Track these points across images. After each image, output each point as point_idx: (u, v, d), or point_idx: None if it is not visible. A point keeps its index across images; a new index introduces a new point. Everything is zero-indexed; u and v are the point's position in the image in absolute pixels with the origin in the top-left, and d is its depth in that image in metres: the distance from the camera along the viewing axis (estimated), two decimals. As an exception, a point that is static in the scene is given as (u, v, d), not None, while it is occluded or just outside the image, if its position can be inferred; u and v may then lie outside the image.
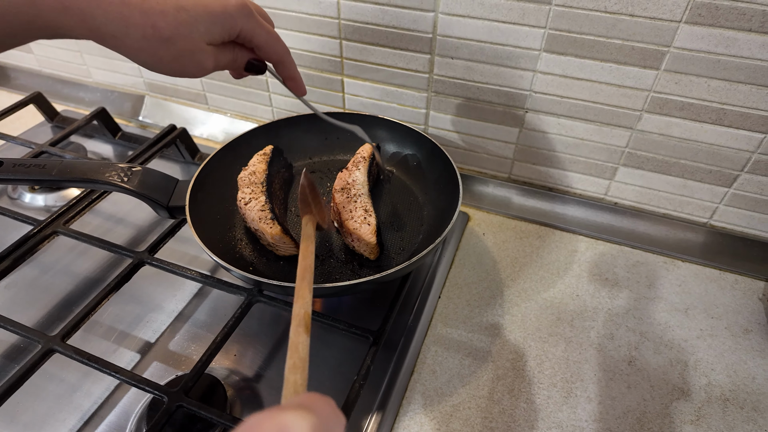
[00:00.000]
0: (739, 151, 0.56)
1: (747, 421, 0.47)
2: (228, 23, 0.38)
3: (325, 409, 0.23)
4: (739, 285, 0.59)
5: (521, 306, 0.56)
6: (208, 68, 0.39)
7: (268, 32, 0.42)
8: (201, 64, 0.39)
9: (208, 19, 0.37)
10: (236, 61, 0.42)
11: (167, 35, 0.36)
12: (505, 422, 0.46)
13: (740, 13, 0.47)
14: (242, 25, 0.39)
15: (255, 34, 0.41)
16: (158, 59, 0.37)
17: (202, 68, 0.39)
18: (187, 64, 0.38)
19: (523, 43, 0.56)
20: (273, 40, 0.42)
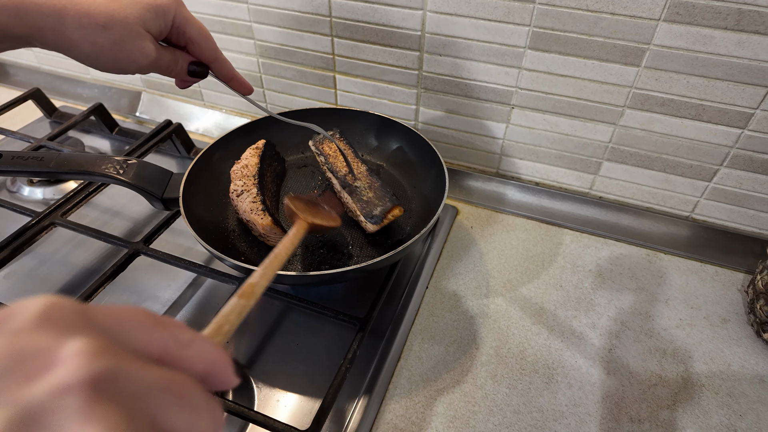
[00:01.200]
0: (718, 146, 0.57)
1: (721, 406, 0.48)
2: (161, 10, 0.40)
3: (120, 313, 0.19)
4: (719, 277, 0.61)
5: (506, 296, 0.58)
6: (151, 55, 0.40)
7: (200, 26, 0.43)
8: (143, 50, 0.39)
9: (140, 5, 0.39)
10: (177, 63, 0.43)
11: (102, 21, 0.37)
12: (488, 406, 0.48)
13: (716, 12, 0.48)
14: (175, 12, 0.41)
15: (188, 25, 0.42)
16: (98, 48, 0.38)
17: (144, 54, 0.40)
18: (129, 50, 0.39)
19: (509, 41, 0.58)
20: (205, 36, 0.44)
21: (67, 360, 0.15)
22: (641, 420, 0.47)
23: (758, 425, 0.47)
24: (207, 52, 0.44)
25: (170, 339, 0.19)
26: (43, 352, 0.16)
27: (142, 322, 0.19)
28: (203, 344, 0.20)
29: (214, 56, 0.45)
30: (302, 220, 0.46)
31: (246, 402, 0.48)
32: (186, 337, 0.20)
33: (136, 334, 0.18)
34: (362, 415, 0.46)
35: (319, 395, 0.48)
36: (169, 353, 0.19)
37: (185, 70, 0.44)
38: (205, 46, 0.44)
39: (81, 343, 0.16)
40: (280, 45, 0.71)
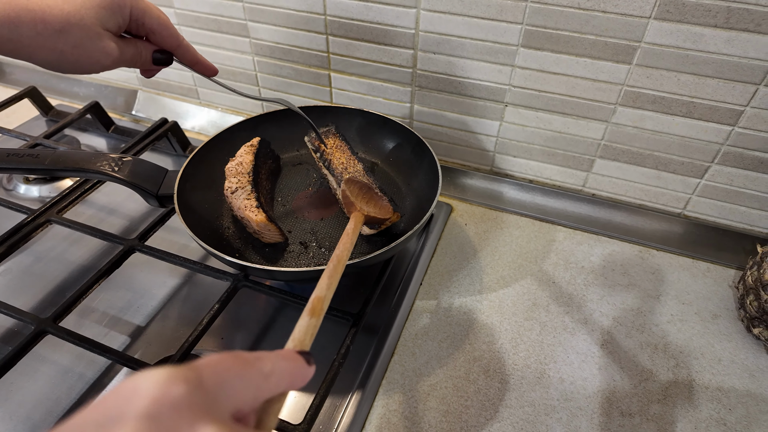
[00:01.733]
0: (709, 143, 0.58)
1: (711, 400, 0.49)
2: (116, 6, 0.39)
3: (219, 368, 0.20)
4: (710, 273, 0.61)
5: (499, 292, 0.58)
6: (113, 54, 0.40)
7: (159, 15, 0.43)
8: (104, 49, 0.39)
9: (96, 5, 0.38)
10: (141, 54, 0.43)
11: (59, 26, 0.37)
12: (480, 401, 0.48)
13: (706, 10, 0.49)
14: (131, 6, 0.40)
15: (146, 16, 0.42)
16: (59, 53, 0.38)
17: (106, 54, 0.39)
18: (90, 52, 0.38)
19: (502, 39, 0.58)
20: (165, 24, 0.43)
21: None
22: (632, 414, 0.47)
23: (747, 419, 0.47)
24: (168, 40, 0.44)
25: (258, 377, 0.21)
26: None
27: (236, 372, 0.21)
28: (281, 365, 0.23)
29: (176, 43, 0.44)
30: (359, 212, 0.46)
31: (240, 397, 0.48)
32: (268, 368, 0.22)
33: (235, 386, 0.20)
34: (355, 409, 0.47)
35: (313, 390, 0.48)
36: (260, 390, 0.22)
37: (149, 59, 0.44)
38: (166, 35, 0.43)
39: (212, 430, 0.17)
40: (276, 43, 0.71)
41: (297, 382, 0.24)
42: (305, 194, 0.64)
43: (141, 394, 0.17)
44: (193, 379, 0.18)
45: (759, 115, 0.54)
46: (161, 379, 0.18)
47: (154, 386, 0.18)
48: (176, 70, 0.82)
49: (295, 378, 0.24)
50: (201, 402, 0.18)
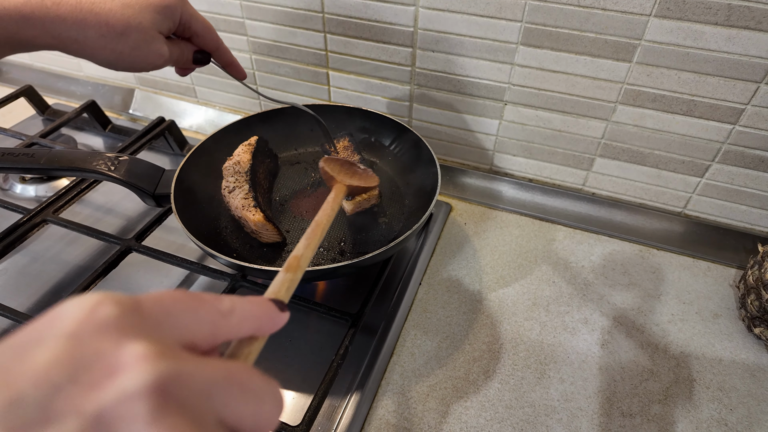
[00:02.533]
0: (710, 141, 0.58)
1: (712, 400, 0.49)
2: (169, 11, 0.43)
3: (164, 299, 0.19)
4: (711, 272, 0.61)
5: (498, 292, 0.58)
6: (165, 55, 0.43)
7: (204, 21, 0.47)
8: (158, 51, 0.43)
9: (152, 10, 0.41)
10: (184, 54, 0.46)
11: (121, 30, 0.40)
12: (480, 401, 0.48)
13: (706, 7, 0.49)
14: (182, 11, 0.44)
15: (193, 20, 0.45)
16: (118, 54, 0.41)
17: (160, 55, 0.43)
18: (146, 53, 0.42)
19: (501, 37, 0.58)
20: (208, 28, 0.47)
21: (129, 365, 0.15)
22: (633, 414, 0.47)
23: (749, 419, 0.47)
24: (210, 43, 0.48)
25: (214, 313, 0.20)
26: (103, 357, 0.15)
27: (186, 305, 0.19)
28: (243, 306, 0.21)
29: (216, 45, 0.48)
30: (339, 183, 0.46)
31: (238, 398, 0.48)
32: (226, 306, 0.20)
33: (184, 318, 0.19)
34: (354, 410, 0.46)
35: (311, 391, 0.48)
36: (217, 327, 0.20)
37: (190, 59, 0.48)
38: (209, 38, 0.47)
39: (141, 347, 0.16)
40: (273, 42, 0.71)
41: (266, 327, 0.22)
42: (303, 193, 0.63)
43: (65, 316, 0.16)
44: (128, 304, 0.17)
45: (760, 113, 0.54)
46: (89, 301, 0.17)
47: (80, 309, 0.17)
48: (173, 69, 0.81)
49: (263, 321, 0.22)
50: (133, 324, 0.17)
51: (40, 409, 0.14)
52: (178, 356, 0.17)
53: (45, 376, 0.15)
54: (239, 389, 0.18)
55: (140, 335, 0.16)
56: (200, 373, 0.17)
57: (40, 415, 0.14)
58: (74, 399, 0.15)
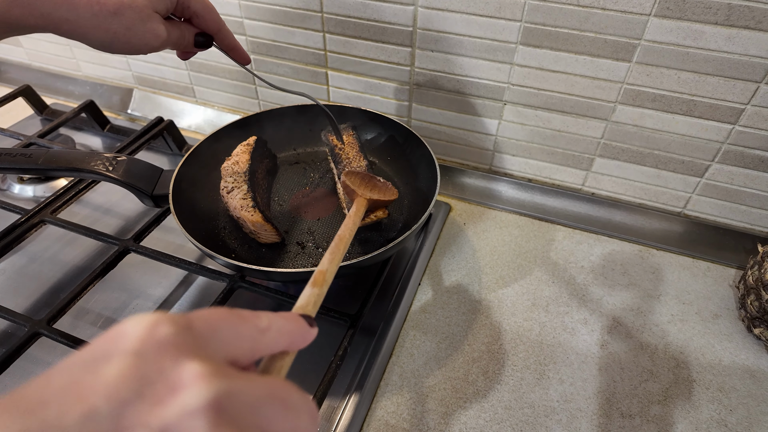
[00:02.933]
0: (710, 141, 0.57)
1: (712, 401, 0.48)
2: None
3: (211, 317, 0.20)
4: (711, 272, 0.61)
5: (498, 292, 0.58)
6: (162, 35, 0.41)
7: (204, 0, 0.45)
8: (154, 31, 0.41)
9: None
10: (185, 37, 0.44)
11: (113, 8, 0.38)
12: (479, 402, 0.48)
13: (706, 7, 0.48)
14: None
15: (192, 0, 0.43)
16: (112, 34, 0.39)
17: (157, 35, 0.41)
18: (142, 33, 0.40)
19: (500, 36, 0.58)
20: (209, 8, 0.45)
21: (189, 383, 0.17)
22: (632, 415, 0.47)
23: (748, 420, 0.47)
24: (211, 24, 0.46)
25: (253, 330, 0.21)
26: (165, 375, 0.17)
27: (230, 322, 0.20)
28: (279, 322, 0.23)
29: (217, 27, 0.46)
30: (361, 197, 0.46)
31: (237, 399, 0.47)
32: (264, 323, 0.22)
33: (228, 335, 0.20)
34: (353, 411, 0.46)
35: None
36: (257, 342, 0.21)
37: (191, 42, 0.46)
38: (209, 18, 0.45)
39: (198, 366, 0.17)
40: (272, 41, 0.71)
41: (297, 342, 0.24)
42: (302, 194, 0.63)
43: (128, 334, 0.18)
44: (182, 323, 0.19)
45: (760, 113, 0.53)
46: (149, 321, 0.18)
47: (141, 328, 0.18)
48: (172, 68, 0.81)
49: (295, 337, 0.23)
50: (188, 343, 0.18)
51: (112, 422, 0.16)
52: (228, 374, 0.18)
53: (115, 391, 0.16)
54: (281, 405, 0.19)
55: (195, 354, 0.18)
56: (248, 391, 0.18)
57: (111, 428, 0.16)
58: (141, 414, 0.16)
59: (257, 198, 0.54)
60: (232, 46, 0.48)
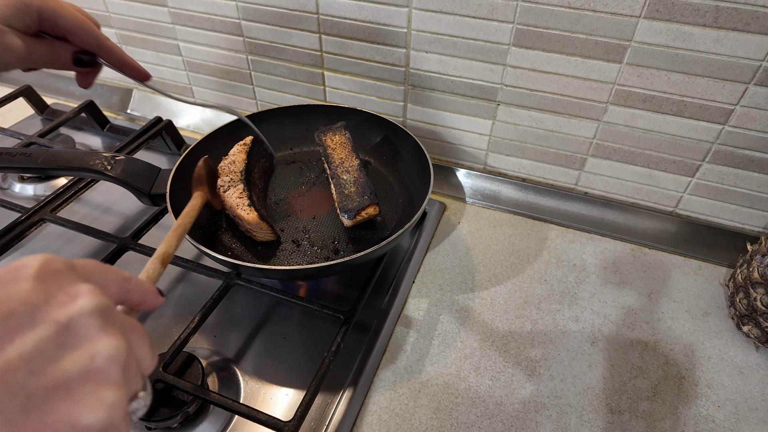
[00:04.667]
0: (700, 141, 0.58)
1: (700, 397, 0.49)
2: (20, 3, 0.38)
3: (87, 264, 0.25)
4: (701, 271, 0.62)
5: (491, 290, 0.59)
6: (18, 51, 0.39)
7: (74, 15, 0.41)
8: (8, 45, 0.38)
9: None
10: (59, 55, 0.42)
11: None
12: (470, 398, 0.49)
13: (694, 9, 0.49)
14: (39, 5, 0.39)
15: (58, 16, 0.40)
16: None
17: (10, 50, 0.38)
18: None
19: (493, 38, 0.58)
20: (81, 25, 0.42)
21: (84, 294, 0.22)
22: (621, 411, 0.48)
23: (736, 416, 0.48)
24: (88, 40, 0.42)
25: (119, 278, 0.27)
26: (65, 290, 0.22)
27: (101, 268, 0.26)
28: (137, 280, 0.28)
29: (96, 43, 0.43)
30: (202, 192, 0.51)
31: (233, 394, 0.48)
32: (126, 275, 0.28)
33: (101, 278, 0.25)
34: (347, 407, 0.47)
35: (303, 387, 0.49)
36: (121, 290, 0.27)
37: (69, 60, 0.43)
38: (83, 35, 0.42)
39: (89, 286, 0.23)
40: (269, 42, 0.71)
41: (149, 302, 0.29)
42: (298, 193, 0.64)
43: (29, 264, 0.22)
44: (68, 263, 0.24)
45: (749, 113, 0.54)
46: (43, 257, 0.23)
47: (38, 261, 0.22)
48: (171, 69, 0.82)
49: (147, 296, 0.29)
50: (75, 275, 0.24)
51: (27, 318, 0.21)
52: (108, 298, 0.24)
53: (27, 299, 0.21)
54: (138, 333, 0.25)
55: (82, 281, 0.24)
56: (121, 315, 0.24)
57: (28, 322, 0.20)
58: (50, 312, 0.21)
59: (253, 197, 0.55)
60: (122, 62, 0.45)
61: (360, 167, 0.59)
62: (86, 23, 0.42)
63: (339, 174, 0.59)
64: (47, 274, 0.22)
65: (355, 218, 0.54)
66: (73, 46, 0.43)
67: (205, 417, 0.46)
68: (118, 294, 0.26)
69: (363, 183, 0.57)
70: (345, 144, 0.62)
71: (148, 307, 0.29)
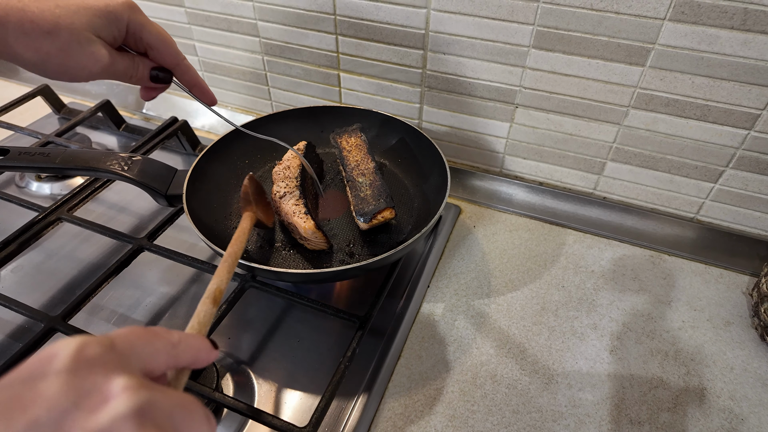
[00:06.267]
0: (724, 147, 0.57)
1: (723, 409, 0.48)
2: (113, 16, 0.39)
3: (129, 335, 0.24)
4: (723, 279, 0.60)
5: (507, 296, 0.58)
6: (103, 60, 0.39)
7: (159, 31, 0.42)
8: (93, 55, 0.38)
9: (89, 12, 0.38)
10: (137, 69, 0.42)
11: (48, 28, 0.36)
12: (487, 406, 0.48)
13: (722, 11, 0.48)
14: (128, 18, 0.40)
15: (145, 31, 0.41)
16: (44, 55, 0.37)
17: (95, 59, 0.39)
18: (78, 56, 0.38)
19: (513, 40, 0.58)
20: (165, 40, 0.42)
21: (118, 395, 0.20)
22: (641, 422, 0.47)
23: (760, 429, 0.46)
24: (168, 58, 0.43)
25: (167, 344, 0.25)
26: (97, 388, 0.20)
27: (145, 339, 0.24)
28: (187, 339, 0.26)
29: (175, 61, 0.44)
30: (252, 213, 0.49)
31: (247, 398, 0.48)
32: (175, 338, 0.26)
33: (145, 350, 0.24)
34: (361, 412, 0.47)
35: (319, 392, 0.48)
36: (169, 357, 0.25)
37: (147, 76, 0.43)
38: (165, 52, 0.43)
39: (124, 380, 0.21)
40: (285, 43, 0.71)
41: (201, 360, 0.27)
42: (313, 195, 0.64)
43: (61, 354, 0.21)
44: (106, 343, 0.22)
45: (776, 118, 0.53)
46: (77, 343, 0.21)
47: (71, 349, 0.21)
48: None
49: (200, 354, 0.27)
50: (113, 360, 0.22)
51: (54, 428, 0.18)
52: (148, 386, 0.22)
53: (55, 403, 0.19)
54: (188, 413, 0.23)
55: (120, 369, 0.21)
56: (165, 400, 0.22)
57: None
58: (78, 421, 0.19)
59: (308, 204, 0.54)
60: (194, 83, 0.46)
61: (376, 170, 0.59)
62: (169, 40, 0.43)
63: (354, 177, 0.58)
64: (81, 365, 0.20)
65: (371, 221, 0.54)
66: (151, 62, 0.43)
67: (219, 420, 0.46)
68: (166, 363, 0.25)
69: (379, 186, 0.57)
70: (360, 146, 0.61)
71: (201, 365, 0.28)
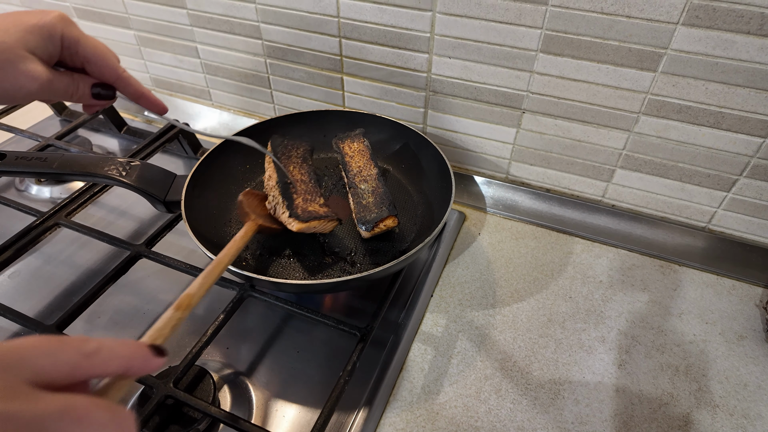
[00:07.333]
0: (738, 155, 0.55)
1: (736, 428, 0.46)
2: (45, 30, 0.37)
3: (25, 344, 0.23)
4: (736, 291, 0.58)
5: (513, 306, 0.56)
6: (40, 77, 0.37)
7: (96, 44, 0.40)
8: (29, 72, 0.37)
9: (20, 28, 0.36)
10: (78, 87, 0.41)
11: None
12: (491, 422, 0.46)
13: (738, 16, 0.46)
14: (62, 32, 0.38)
15: (80, 44, 0.39)
16: None
17: (32, 77, 0.37)
18: (13, 76, 0.36)
19: (520, 44, 0.56)
20: (102, 54, 0.41)
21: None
22: (651, 440, 0.45)
23: (775, 449, 0.45)
24: (106, 71, 0.41)
25: (75, 355, 0.23)
26: None
27: (44, 349, 0.22)
28: (111, 347, 0.24)
29: (114, 75, 0.42)
30: (253, 221, 0.48)
31: (244, 411, 0.47)
32: (91, 347, 0.23)
33: (39, 362, 0.22)
34: (362, 427, 0.45)
35: (318, 406, 0.47)
36: (79, 367, 0.23)
37: (88, 93, 0.41)
38: (103, 65, 0.41)
39: None
40: (288, 46, 0.70)
41: (136, 368, 0.25)
42: (315, 201, 0.62)
43: None
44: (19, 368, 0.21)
45: (793, 126, 0.51)
46: None
47: None
48: (189, 71, 0.81)
49: (132, 363, 0.25)
50: None
51: None
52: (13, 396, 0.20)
53: None
54: (76, 420, 0.21)
55: None
56: (30, 409, 0.20)
57: None
58: None
59: (294, 204, 0.52)
60: (138, 94, 0.43)
61: (378, 176, 0.57)
62: (107, 53, 0.41)
63: (357, 183, 0.57)
64: None
65: (373, 230, 0.53)
66: (91, 78, 0.42)
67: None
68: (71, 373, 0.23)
69: (381, 193, 0.55)
70: (363, 152, 0.60)
71: (141, 373, 0.26)
